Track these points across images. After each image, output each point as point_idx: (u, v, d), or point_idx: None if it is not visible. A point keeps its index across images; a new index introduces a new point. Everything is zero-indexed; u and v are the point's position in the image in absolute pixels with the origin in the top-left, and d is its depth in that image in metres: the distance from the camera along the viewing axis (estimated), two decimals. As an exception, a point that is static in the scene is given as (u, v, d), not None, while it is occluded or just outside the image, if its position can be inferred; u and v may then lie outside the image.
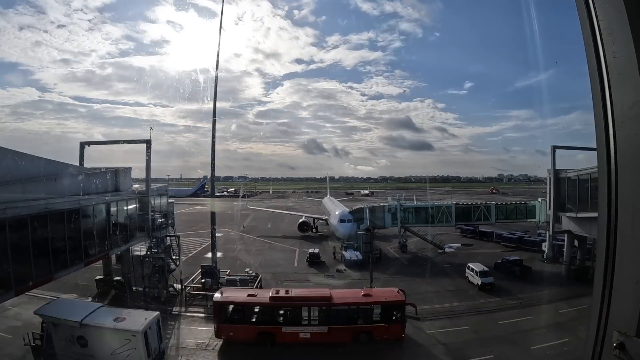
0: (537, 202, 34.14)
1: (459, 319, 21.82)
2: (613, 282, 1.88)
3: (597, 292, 1.95)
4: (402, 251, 37.12)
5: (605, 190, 1.94)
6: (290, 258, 35.70)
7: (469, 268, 28.44)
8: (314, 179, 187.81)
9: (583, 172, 27.98)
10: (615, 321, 1.85)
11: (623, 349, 1.75)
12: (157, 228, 26.48)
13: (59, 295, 22.00)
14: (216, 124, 27.76)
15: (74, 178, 20.85)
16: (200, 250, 37.48)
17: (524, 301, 24.38)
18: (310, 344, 18.54)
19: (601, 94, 1.95)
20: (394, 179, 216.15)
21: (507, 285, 27.29)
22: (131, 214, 24.94)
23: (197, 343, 19.16)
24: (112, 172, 24.75)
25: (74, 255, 19.21)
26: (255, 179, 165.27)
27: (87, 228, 20.43)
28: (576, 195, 28.40)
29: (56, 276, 18.33)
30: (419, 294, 25.84)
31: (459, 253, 37.12)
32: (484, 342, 19.12)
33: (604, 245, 1.93)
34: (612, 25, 1.86)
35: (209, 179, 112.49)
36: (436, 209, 36.07)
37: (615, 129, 1.89)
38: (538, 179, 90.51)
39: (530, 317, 21.95)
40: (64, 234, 18.49)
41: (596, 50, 1.96)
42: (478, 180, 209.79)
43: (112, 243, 23.11)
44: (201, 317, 22.52)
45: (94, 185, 22.34)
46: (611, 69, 1.90)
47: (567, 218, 29.61)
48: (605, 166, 1.94)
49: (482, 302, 24.53)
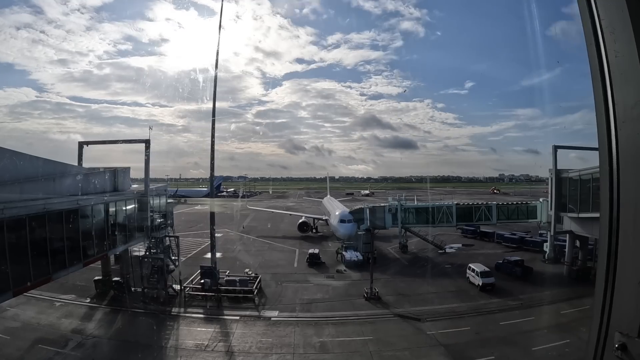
0: (539, 202, 34.13)
1: (460, 320, 21.82)
2: (615, 282, 1.88)
3: (599, 292, 1.95)
4: (402, 252, 37.09)
5: (607, 190, 1.94)
6: (290, 258, 35.68)
7: (469, 269, 28.43)
8: (313, 179, 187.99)
9: (585, 172, 27.95)
10: (617, 322, 1.85)
11: (625, 350, 1.75)
12: (156, 228, 26.45)
13: (56, 296, 22.05)
14: (215, 123, 27.74)
15: (72, 178, 20.85)
16: (200, 251, 37.46)
17: (526, 302, 24.36)
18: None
19: (603, 93, 1.95)
20: (394, 179, 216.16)
21: (509, 285, 27.27)
22: (130, 214, 24.92)
23: (196, 344, 19.15)
24: (111, 172, 24.74)
25: (72, 256, 19.19)
26: (255, 179, 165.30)
27: (85, 228, 20.40)
28: (578, 195, 28.39)
29: (54, 277, 18.29)
30: (419, 294, 25.90)
31: (460, 253, 37.08)
32: (485, 343, 19.12)
33: (606, 246, 1.93)
34: (613, 24, 1.85)
35: (223, 178, 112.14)
36: (437, 209, 36.07)
37: (617, 128, 1.88)
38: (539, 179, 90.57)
39: (532, 318, 21.94)
40: (62, 234, 18.46)
41: (598, 49, 1.95)
42: (479, 180, 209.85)
43: (111, 243, 23.08)
44: (200, 318, 22.52)
45: (92, 185, 22.34)
46: (613, 68, 1.89)
47: (569, 218, 29.59)
48: (607, 166, 1.94)
49: (483, 302, 24.52)
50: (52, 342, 18.96)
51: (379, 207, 36.84)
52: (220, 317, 22.59)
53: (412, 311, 22.78)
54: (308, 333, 20.41)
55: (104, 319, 22.17)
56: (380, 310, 23.45)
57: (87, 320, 21.91)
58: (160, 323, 21.42)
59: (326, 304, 24.36)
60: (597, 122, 2.00)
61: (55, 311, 22.71)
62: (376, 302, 24.40)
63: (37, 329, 20.17)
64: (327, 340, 19.66)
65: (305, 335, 20.13)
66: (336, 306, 23.99)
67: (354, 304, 24.34)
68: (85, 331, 20.45)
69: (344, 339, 19.71)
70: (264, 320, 22.10)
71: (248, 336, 20.04)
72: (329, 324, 21.48)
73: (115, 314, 22.80)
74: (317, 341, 19.54)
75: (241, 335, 20.11)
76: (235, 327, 21.04)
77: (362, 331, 20.51)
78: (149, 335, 20.09)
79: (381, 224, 36.25)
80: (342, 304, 24.28)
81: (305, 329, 20.85)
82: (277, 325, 21.44)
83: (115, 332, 20.66)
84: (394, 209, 35.90)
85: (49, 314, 22.25)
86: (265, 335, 20.20)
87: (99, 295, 25.17)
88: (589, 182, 26.79)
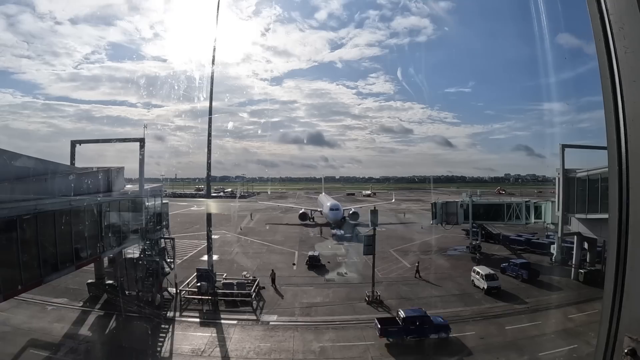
0: (544, 203, 34.17)
1: (465, 324, 21.82)
2: (624, 285, 1.88)
3: (608, 296, 1.95)
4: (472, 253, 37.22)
5: (616, 190, 1.94)
6: (289, 261, 35.68)
7: (474, 271, 28.43)
8: (313, 179, 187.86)
9: (593, 172, 27.94)
10: (626, 326, 1.84)
11: (635, 356, 1.74)
12: (151, 230, 26.46)
13: (48, 299, 22.04)
14: (212, 122, 27.74)
15: (64, 178, 20.81)
16: (196, 254, 37.46)
17: (532, 306, 24.38)
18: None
19: (612, 90, 1.94)
20: (397, 179, 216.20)
21: (515, 289, 27.28)
22: (124, 215, 24.90)
23: (192, 349, 19.16)
24: (104, 172, 24.70)
25: (64, 258, 19.17)
26: (253, 179, 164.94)
27: (78, 230, 20.39)
28: (586, 195, 28.38)
29: (46, 280, 18.27)
30: (422, 298, 25.90)
31: (465, 256, 37.08)
32: (490, 348, 19.13)
33: (615, 248, 1.93)
34: (623, 19, 1.85)
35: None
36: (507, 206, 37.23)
37: (626, 127, 1.88)
38: (546, 179, 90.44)
39: (539, 322, 21.97)
40: (54, 236, 18.41)
41: (606, 45, 1.95)
42: (484, 181, 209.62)
43: (104, 245, 23.08)
44: (196, 322, 22.52)
45: (85, 185, 22.29)
46: (622, 64, 1.88)
47: (577, 219, 29.60)
48: (616, 165, 1.93)
49: (489, 306, 24.54)
50: (43, 347, 18.95)
51: (451, 203, 39.10)
52: (217, 321, 22.57)
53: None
54: (308, 338, 20.42)
55: (97, 323, 22.15)
56: (382, 314, 23.47)
57: (80, 324, 21.89)
58: (155, 327, 21.38)
59: (326, 308, 24.37)
60: (606, 121, 2.00)
61: (46, 315, 22.68)
62: (378, 306, 24.42)
63: (28, 333, 20.15)
64: (328, 345, 19.67)
65: (305, 340, 20.15)
66: (337, 310, 24.01)
67: (355, 307, 24.36)
68: (77, 336, 20.45)
69: (344, 344, 19.72)
70: (262, 325, 22.12)
71: (246, 341, 20.05)
72: (329, 328, 21.50)
73: (108, 318, 22.78)
74: (317, 346, 19.55)
75: (239, 340, 20.13)
76: (233, 332, 21.05)
77: (363, 336, 20.51)
78: (144, 340, 20.07)
79: (453, 220, 38.17)
80: (342, 308, 24.29)
81: (305, 334, 20.86)
82: (276, 329, 21.44)
83: (109, 336, 20.68)
84: (466, 205, 37.40)
85: (41, 318, 22.22)
86: (264, 340, 20.21)
87: (92, 299, 25.12)
88: (598, 182, 26.79)
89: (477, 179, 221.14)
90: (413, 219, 61.24)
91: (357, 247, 35.24)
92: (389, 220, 58.51)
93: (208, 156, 27.52)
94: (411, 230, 51.15)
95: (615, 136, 1.93)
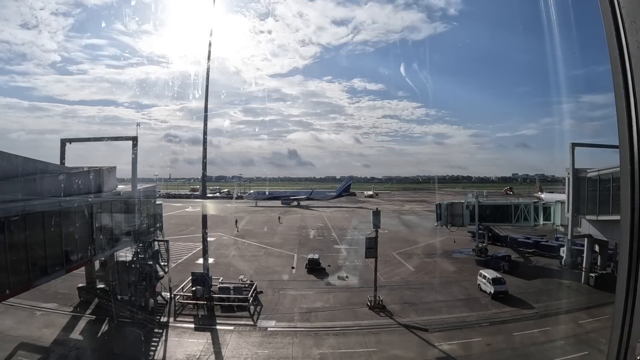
0: (553, 203, 34.18)
1: (471, 331, 21.84)
2: (637, 290, 1.88)
3: (620, 301, 1.95)
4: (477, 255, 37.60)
5: (629, 191, 1.93)
6: (288, 264, 35.69)
7: (480, 275, 28.47)
8: (313, 179, 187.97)
9: (604, 172, 27.90)
10: (638, 332, 1.84)
11: (647, 362, 1.74)
12: (144, 232, 26.45)
13: (37, 304, 22.02)
14: (207, 119, 27.64)
15: (54, 178, 20.81)
16: (190, 257, 37.47)
17: (540, 311, 24.37)
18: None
19: (624, 87, 1.94)
20: (400, 179, 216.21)
21: (522, 293, 27.28)
22: (116, 216, 24.88)
23: (187, 356, 19.16)
24: (96, 172, 24.67)
25: (54, 262, 19.15)
26: (251, 179, 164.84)
27: (68, 232, 20.35)
28: (597, 196, 28.36)
29: (35, 284, 18.25)
30: (426, 303, 25.90)
31: (471, 259, 37.10)
32: (498, 355, 19.12)
33: (627, 251, 1.93)
34: (635, 13, 1.85)
35: (351, 178, 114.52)
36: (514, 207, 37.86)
37: (638, 124, 1.88)
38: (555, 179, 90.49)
39: (547, 328, 21.96)
40: (43, 238, 18.37)
41: (618, 40, 1.95)
42: (491, 180, 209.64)
43: (96, 248, 23.01)
44: (191, 328, 22.52)
45: (76, 185, 22.27)
46: (635, 60, 1.88)
47: (587, 221, 29.59)
48: (628, 165, 1.93)
49: (495, 311, 24.54)
50: (32, 353, 18.93)
51: (457, 204, 39.26)
52: (213, 327, 22.57)
53: (419, 321, 22.84)
54: (307, 344, 20.41)
55: (88, 329, 22.12)
56: (384, 320, 23.49)
57: (70, 330, 21.86)
58: (148, 333, 21.39)
59: (327, 313, 24.38)
60: (618, 118, 1.99)
61: (35, 321, 22.68)
62: (380, 311, 24.44)
63: (16, 339, 20.12)
64: (328, 352, 19.65)
65: (305, 347, 20.14)
66: (337, 315, 24.01)
67: (357, 313, 24.37)
68: (67, 342, 20.43)
69: (345, 351, 19.70)
70: (260, 331, 22.11)
71: (243, 347, 20.04)
72: (330, 334, 21.50)
73: (100, 323, 22.76)
74: (317, 353, 19.54)
75: (235, 347, 20.11)
76: (229, 338, 21.04)
77: (365, 342, 20.52)
78: (136, 346, 20.03)
79: (459, 221, 38.46)
80: (343, 313, 24.29)
81: (305, 340, 20.85)
82: (274, 335, 21.43)
83: (100, 343, 20.64)
84: (472, 206, 37.64)
85: (29, 323, 22.23)
86: (261, 346, 20.19)
87: (83, 304, 25.11)
88: (609, 182, 26.78)
89: (484, 179, 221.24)
90: (417, 222, 61.43)
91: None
92: (391, 221, 58.59)
93: (203, 155, 27.51)
94: (415, 232, 51.26)
95: (627, 134, 1.92)
